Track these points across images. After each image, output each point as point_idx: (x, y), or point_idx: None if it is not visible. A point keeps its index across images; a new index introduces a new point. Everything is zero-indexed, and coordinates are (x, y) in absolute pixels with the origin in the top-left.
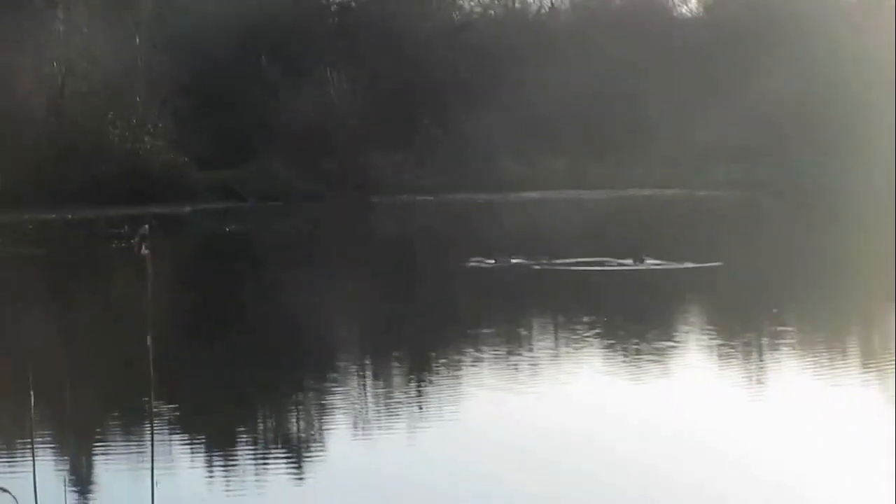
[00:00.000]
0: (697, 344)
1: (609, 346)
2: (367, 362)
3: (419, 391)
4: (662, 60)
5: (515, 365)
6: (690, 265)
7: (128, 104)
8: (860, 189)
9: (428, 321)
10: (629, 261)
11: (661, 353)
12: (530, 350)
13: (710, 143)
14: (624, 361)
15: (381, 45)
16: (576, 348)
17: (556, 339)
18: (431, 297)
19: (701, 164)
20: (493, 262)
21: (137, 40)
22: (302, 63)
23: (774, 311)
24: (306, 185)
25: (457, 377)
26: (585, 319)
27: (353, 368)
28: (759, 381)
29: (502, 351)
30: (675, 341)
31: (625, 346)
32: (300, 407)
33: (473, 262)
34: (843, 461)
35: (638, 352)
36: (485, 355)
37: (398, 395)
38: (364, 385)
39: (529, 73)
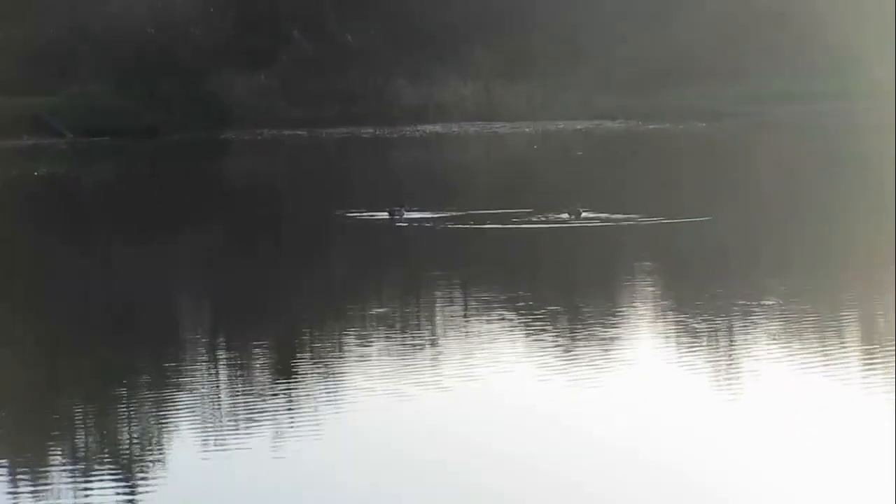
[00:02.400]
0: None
1: (534, 325)
2: (210, 353)
3: (284, 391)
4: None
5: (410, 357)
6: (666, 220)
7: None
8: (836, 116)
9: (292, 297)
10: (564, 214)
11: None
12: (431, 340)
13: (662, 63)
14: (554, 350)
15: None
16: (490, 337)
17: (466, 319)
18: (296, 264)
19: (650, 88)
20: (385, 215)
21: None
22: None
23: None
24: (139, 117)
25: (334, 372)
26: (503, 299)
27: (191, 363)
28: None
29: (393, 338)
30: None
31: (553, 325)
32: (124, 413)
33: (355, 216)
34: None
35: (573, 339)
36: (369, 343)
37: (253, 395)
38: (212, 383)
39: None
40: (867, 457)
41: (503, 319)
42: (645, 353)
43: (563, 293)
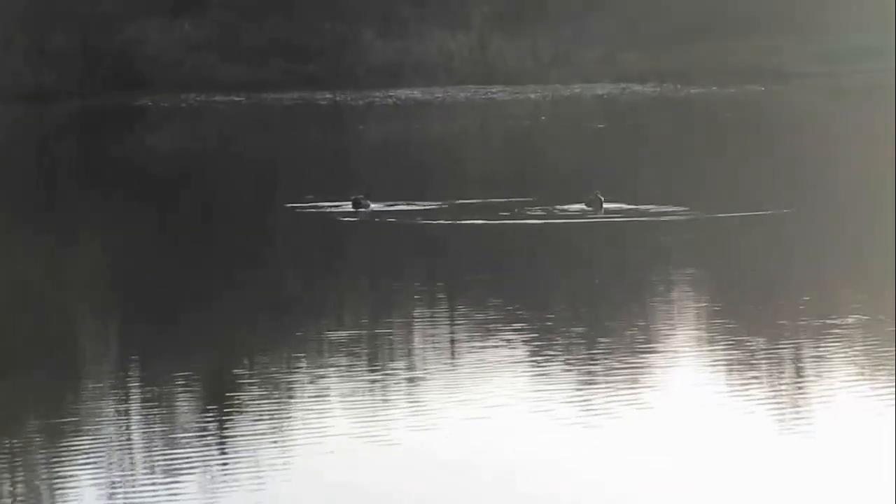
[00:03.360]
0: None
1: (538, 355)
2: (120, 387)
3: (215, 434)
4: None
5: (377, 392)
6: (721, 214)
7: None
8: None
9: (225, 317)
10: (578, 206)
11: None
12: (403, 372)
13: (705, 9)
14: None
15: None
16: (480, 370)
17: (449, 345)
18: (230, 274)
19: (690, 41)
20: (349, 206)
21: None
22: None
23: None
24: (27, 78)
25: (279, 412)
26: (497, 319)
27: (96, 400)
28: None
29: (356, 369)
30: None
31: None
32: (5, 468)
33: (307, 208)
34: None
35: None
36: (324, 376)
37: (177, 440)
38: (122, 426)
39: None
40: None
41: (497, 346)
42: (686, 392)
43: (575, 311)
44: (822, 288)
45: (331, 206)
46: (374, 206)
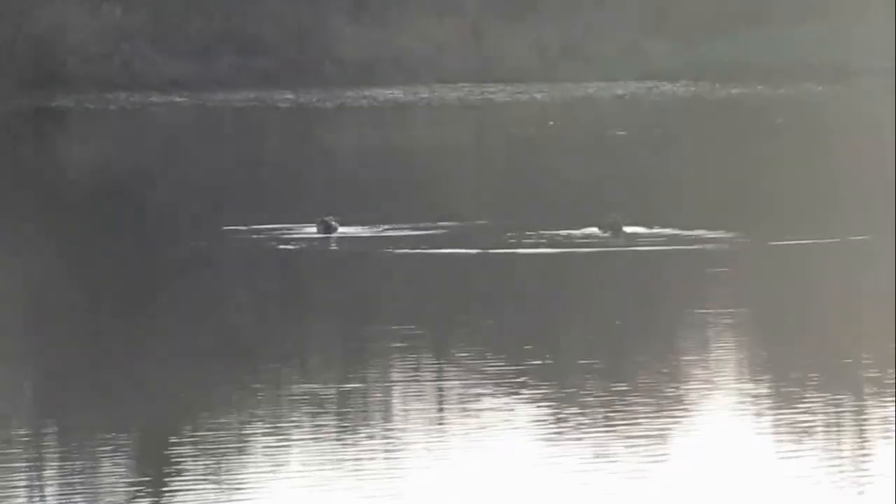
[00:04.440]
0: None
1: (544, 419)
2: (32, 448)
3: None
4: None
5: (351, 464)
6: (776, 242)
7: None
8: None
9: (155, 369)
10: (592, 230)
11: None
12: (381, 439)
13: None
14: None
15: None
16: (475, 436)
17: (437, 405)
18: (160, 316)
19: (729, 31)
20: (313, 231)
21: None
22: None
23: None
24: None
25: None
26: (493, 374)
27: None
28: None
29: (323, 436)
30: None
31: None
32: None
33: (256, 234)
34: None
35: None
36: (283, 444)
37: None
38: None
39: None
40: None
41: (494, 408)
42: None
43: (585, 364)
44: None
45: (285, 231)
46: (342, 231)
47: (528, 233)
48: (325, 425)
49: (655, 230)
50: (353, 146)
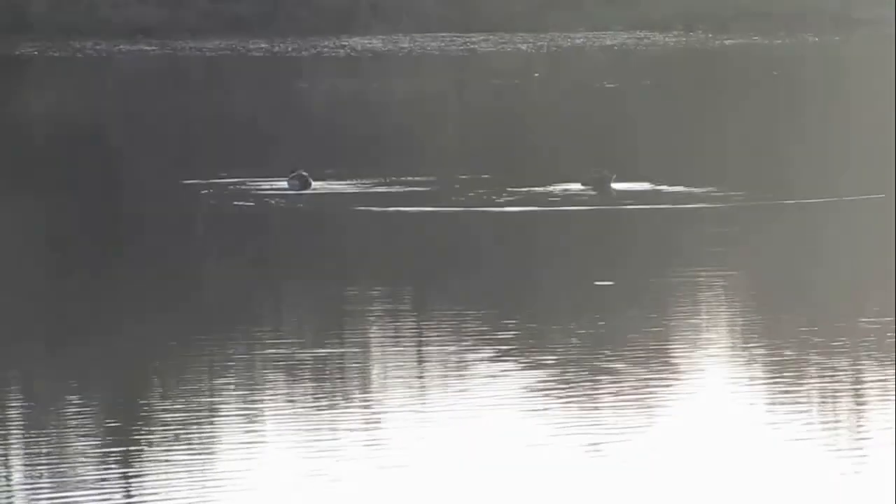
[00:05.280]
0: None
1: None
2: None
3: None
4: None
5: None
6: (777, 200)
7: None
8: None
9: (117, 332)
10: (575, 186)
11: None
12: (358, 402)
13: None
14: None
15: None
16: (456, 398)
17: (416, 369)
18: (122, 275)
19: None
20: (285, 186)
21: None
22: None
23: None
24: None
25: (197, 458)
26: (474, 332)
27: None
28: None
29: (298, 401)
30: None
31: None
32: None
33: (221, 188)
34: None
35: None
36: (257, 411)
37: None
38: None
39: None
40: None
41: (479, 373)
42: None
43: (567, 327)
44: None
45: (253, 186)
46: (316, 187)
47: (508, 189)
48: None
49: (645, 186)
50: (329, 98)
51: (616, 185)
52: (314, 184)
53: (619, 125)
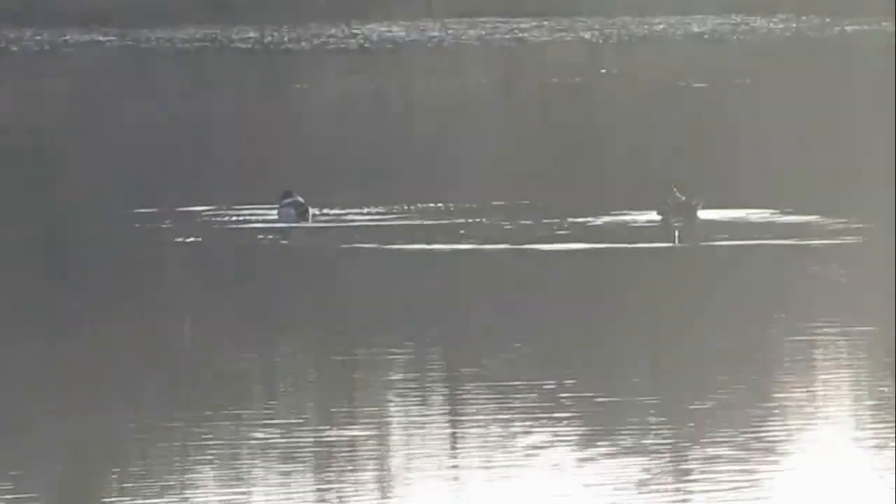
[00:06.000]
0: None
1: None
2: None
3: None
4: None
5: None
6: None
7: None
8: None
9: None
10: (648, 216)
11: None
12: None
13: None
14: None
15: None
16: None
17: (450, 448)
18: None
19: None
20: (275, 217)
21: None
22: None
23: None
24: None
25: None
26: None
27: None
28: None
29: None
30: None
31: None
32: None
33: (187, 219)
34: None
35: None
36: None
37: None
38: None
39: None
40: None
41: (536, 464)
42: None
43: (642, 404)
44: None
45: (232, 216)
46: (315, 217)
47: (565, 220)
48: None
49: (742, 215)
50: (335, 103)
51: (704, 215)
52: (313, 213)
53: (708, 136)
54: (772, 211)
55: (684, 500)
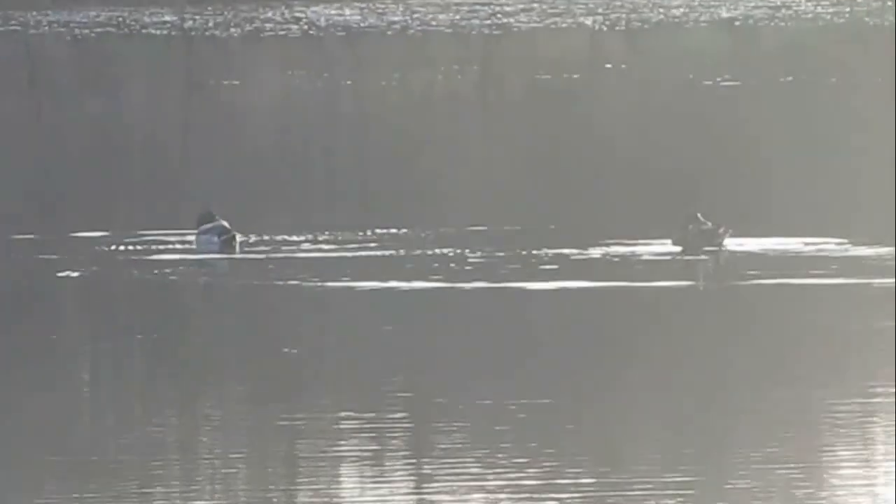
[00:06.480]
0: None
1: None
2: None
3: None
4: None
5: None
6: None
7: None
8: None
9: None
10: (664, 246)
11: None
12: None
13: None
14: None
15: None
16: None
17: None
18: None
19: None
20: (192, 244)
21: None
22: None
23: None
24: None
25: None
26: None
27: None
28: None
29: None
30: None
31: None
32: None
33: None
34: None
35: None
36: None
37: None
38: None
39: None
40: None
41: None
42: None
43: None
44: None
45: (136, 243)
46: (244, 246)
47: (558, 252)
48: None
49: (778, 245)
50: (271, 103)
51: (732, 245)
52: (241, 240)
53: (738, 148)
54: (822, 240)
55: None
